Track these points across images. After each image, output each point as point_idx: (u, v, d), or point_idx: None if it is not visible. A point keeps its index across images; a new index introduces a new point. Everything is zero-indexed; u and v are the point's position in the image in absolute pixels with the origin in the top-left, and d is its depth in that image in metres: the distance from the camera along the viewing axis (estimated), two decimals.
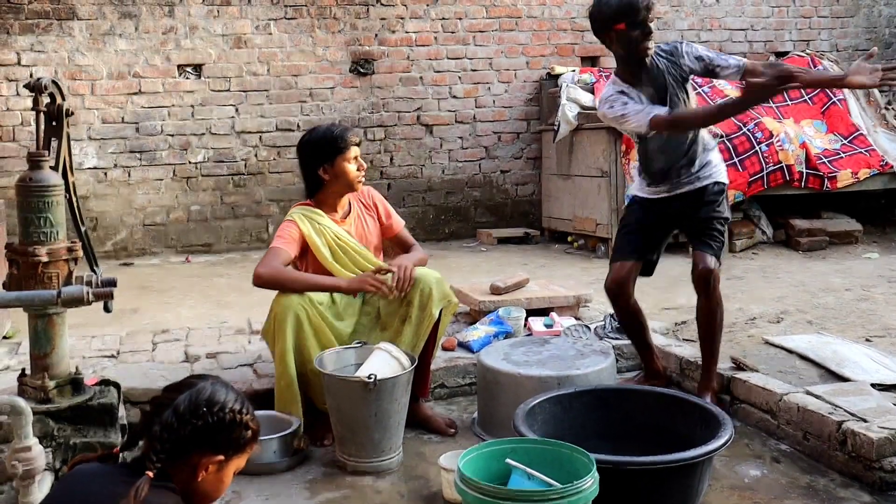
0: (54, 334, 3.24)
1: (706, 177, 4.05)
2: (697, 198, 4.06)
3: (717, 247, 3.99)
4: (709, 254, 3.97)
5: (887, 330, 4.82)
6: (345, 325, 3.92)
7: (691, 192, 4.07)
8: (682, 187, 4.08)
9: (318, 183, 3.99)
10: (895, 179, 8.11)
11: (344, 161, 3.94)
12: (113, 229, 8.18)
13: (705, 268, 3.94)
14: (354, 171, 3.97)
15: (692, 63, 3.94)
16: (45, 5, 7.85)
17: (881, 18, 10.37)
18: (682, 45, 3.98)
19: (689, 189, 4.07)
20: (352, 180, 3.98)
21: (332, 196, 4.02)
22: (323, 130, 4.03)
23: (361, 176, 4.02)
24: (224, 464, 2.16)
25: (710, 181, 4.05)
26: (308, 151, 4.00)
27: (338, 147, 3.93)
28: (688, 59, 3.94)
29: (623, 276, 4.13)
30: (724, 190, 4.08)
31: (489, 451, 2.83)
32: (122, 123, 8.13)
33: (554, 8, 9.25)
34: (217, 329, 5.21)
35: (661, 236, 4.25)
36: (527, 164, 9.32)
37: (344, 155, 3.94)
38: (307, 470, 3.62)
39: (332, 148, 3.93)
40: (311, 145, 3.99)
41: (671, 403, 3.40)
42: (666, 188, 4.11)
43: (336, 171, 3.95)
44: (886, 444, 3.26)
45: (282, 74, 8.51)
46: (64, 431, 3.22)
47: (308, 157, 3.99)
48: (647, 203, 4.20)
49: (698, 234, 4.06)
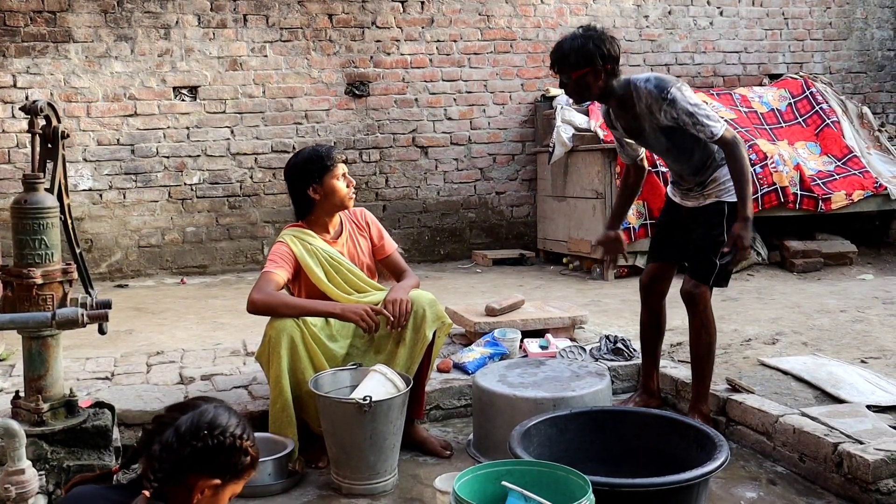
0: (49, 356, 3.23)
1: (708, 195, 3.99)
2: (698, 217, 4.05)
3: (702, 270, 3.97)
4: (691, 276, 4.01)
5: (882, 351, 4.82)
6: (339, 347, 3.92)
7: (694, 210, 4.07)
8: (689, 200, 4.09)
9: (309, 204, 4.00)
10: (889, 201, 8.14)
11: (332, 178, 3.95)
12: (108, 251, 8.17)
13: (685, 290, 4.01)
14: (344, 188, 3.98)
15: (666, 119, 3.82)
16: (41, 28, 7.87)
17: (874, 41, 10.44)
18: (666, 99, 3.77)
19: (694, 205, 4.07)
20: (343, 197, 3.99)
21: (324, 216, 4.03)
22: (308, 151, 4.05)
23: (352, 192, 4.04)
24: (221, 488, 2.16)
25: (712, 200, 3.99)
26: (296, 174, 4.01)
27: (325, 165, 3.95)
28: (664, 116, 3.80)
29: (651, 275, 4.27)
30: (726, 211, 3.92)
31: (485, 473, 2.82)
32: (117, 145, 8.14)
33: (548, 30, 9.29)
34: (212, 351, 5.20)
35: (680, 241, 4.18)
36: (522, 186, 9.34)
37: (332, 172, 3.95)
38: (302, 492, 3.60)
39: (319, 167, 3.95)
40: (299, 167, 4.00)
41: (667, 425, 3.39)
42: (679, 195, 4.13)
43: (326, 190, 3.95)
44: (882, 466, 3.25)
45: (277, 96, 8.53)
46: (58, 454, 3.21)
47: (296, 179, 4.00)
48: (669, 201, 4.29)
49: (692, 253, 4.08)
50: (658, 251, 4.31)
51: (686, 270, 4.09)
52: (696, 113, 3.75)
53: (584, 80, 3.80)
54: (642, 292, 4.32)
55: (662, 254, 4.28)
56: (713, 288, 4.01)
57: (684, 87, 3.83)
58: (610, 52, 3.79)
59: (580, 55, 3.76)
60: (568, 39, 3.82)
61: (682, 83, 3.87)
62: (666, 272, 4.27)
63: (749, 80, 9.89)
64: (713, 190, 3.99)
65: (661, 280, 4.27)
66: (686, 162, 3.97)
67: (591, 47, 3.76)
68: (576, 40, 3.79)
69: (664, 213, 4.37)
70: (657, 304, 4.29)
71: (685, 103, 3.75)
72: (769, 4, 10.02)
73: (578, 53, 3.76)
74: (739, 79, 9.91)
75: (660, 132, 3.89)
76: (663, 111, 3.79)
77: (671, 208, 4.26)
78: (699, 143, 3.91)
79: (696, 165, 3.97)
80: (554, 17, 9.32)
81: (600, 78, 3.80)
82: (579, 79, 3.80)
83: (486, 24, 9.13)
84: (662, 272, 4.27)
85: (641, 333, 4.41)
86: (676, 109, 3.75)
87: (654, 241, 4.40)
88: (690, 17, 9.79)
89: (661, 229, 4.37)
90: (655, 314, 4.32)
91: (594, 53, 3.75)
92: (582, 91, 3.86)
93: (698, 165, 3.97)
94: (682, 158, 3.98)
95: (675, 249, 4.26)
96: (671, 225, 4.24)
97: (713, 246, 3.93)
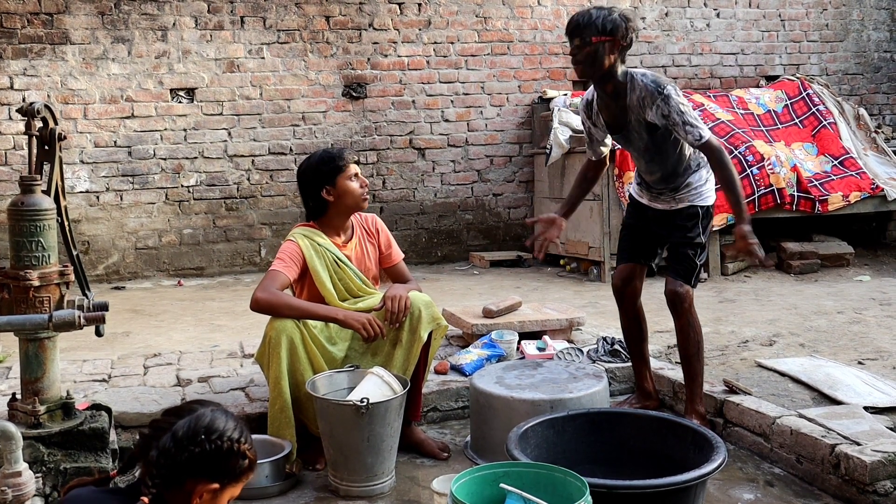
0: (46, 358, 3.23)
1: (681, 199, 4.05)
2: (670, 220, 4.09)
3: (683, 270, 4.02)
4: (674, 277, 4.04)
5: (879, 352, 4.83)
6: (337, 350, 3.91)
7: (666, 213, 4.11)
8: (659, 202, 4.12)
9: (323, 205, 3.99)
10: (886, 202, 8.14)
11: (345, 179, 3.95)
12: (105, 253, 8.16)
13: (670, 290, 4.03)
14: (358, 188, 3.98)
15: (655, 116, 3.83)
16: (38, 30, 7.86)
17: (870, 43, 10.45)
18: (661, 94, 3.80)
19: (664, 208, 4.11)
20: (357, 197, 3.98)
21: (337, 218, 4.02)
22: (320, 154, 4.05)
23: (365, 192, 4.03)
24: (219, 492, 2.15)
25: (685, 204, 4.04)
26: (309, 176, 4.00)
27: (337, 166, 3.94)
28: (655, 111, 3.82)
29: (623, 277, 4.28)
30: (700, 214, 4.03)
31: (482, 474, 2.82)
32: (114, 147, 8.13)
33: (545, 32, 9.30)
34: (209, 352, 5.19)
35: (649, 242, 4.28)
36: (519, 188, 9.34)
37: (344, 173, 3.95)
38: (299, 494, 3.60)
39: (332, 168, 3.94)
40: (311, 169, 3.99)
41: (664, 427, 3.39)
42: (648, 196, 4.16)
43: (339, 191, 3.95)
44: (880, 467, 3.25)
45: (274, 98, 8.53)
46: (54, 456, 3.21)
47: (309, 181, 4.00)
48: (634, 202, 4.31)
49: (670, 256, 4.17)
50: (628, 252, 4.32)
51: (667, 272, 4.13)
52: (687, 113, 3.78)
53: (602, 47, 3.80)
54: (616, 295, 4.33)
55: (633, 255, 4.30)
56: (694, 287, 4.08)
57: (678, 90, 3.87)
58: (631, 29, 3.84)
59: (608, 21, 3.79)
60: (595, 8, 3.86)
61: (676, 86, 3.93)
62: (637, 272, 4.30)
63: (746, 81, 9.90)
64: (686, 194, 4.05)
65: (634, 280, 4.29)
66: (661, 163, 3.99)
67: (617, 18, 3.81)
68: (603, 10, 3.84)
69: (630, 214, 4.38)
70: (634, 306, 4.31)
71: (678, 103, 3.79)
72: (766, 6, 10.04)
73: (606, 20, 3.80)
74: (736, 80, 9.92)
75: (643, 129, 3.91)
76: (656, 106, 3.80)
77: (637, 209, 4.28)
78: (677, 146, 3.95)
79: (670, 169, 4.01)
80: (551, 19, 9.32)
81: (615, 52, 3.83)
82: (598, 45, 3.80)
83: (483, 25, 9.13)
84: (634, 273, 4.28)
85: (625, 338, 4.43)
86: (669, 106, 3.78)
87: (624, 242, 4.38)
88: (687, 19, 9.80)
89: (629, 231, 4.36)
90: (634, 316, 4.33)
91: (620, 25, 3.80)
92: (594, 61, 3.84)
93: (672, 169, 4.01)
94: (658, 159, 3.99)
95: (644, 250, 4.30)
96: (639, 226, 4.27)
97: (693, 247, 4.02)
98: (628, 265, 4.29)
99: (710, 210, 4.11)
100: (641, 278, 4.32)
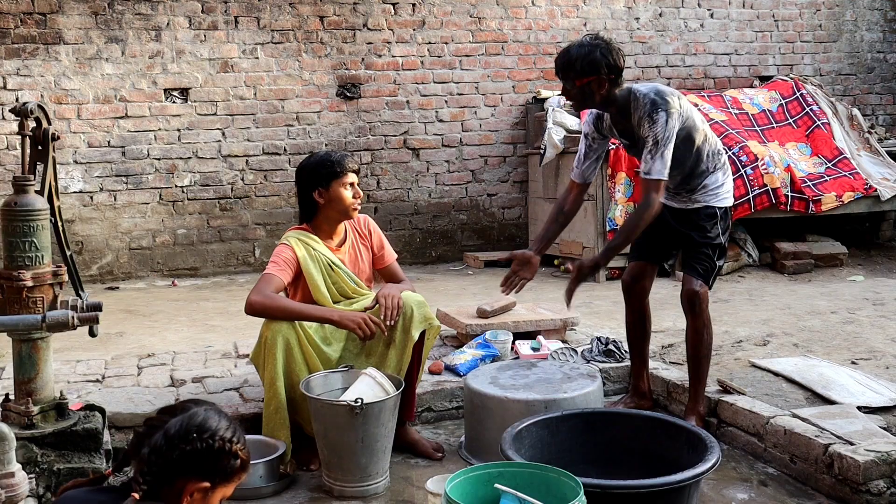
0: (39, 359, 3.22)
1: (696, 199, 4.05)
2: (688, 219, 4.08)
3: (703, 270, 4.02)
4: (693, 276, 4.02)
5: (873, 352, 4.84)
6: (332, 350, 3.91)
7: (683, 212, 4.10)
8: (675, 201, 4.11)
9: (313, 207, 3.98)
10: (879, 202, 8.16)
11: (339, 186, 3.93)
12: (98, 253, 8.15)
13: (689, 289, 4.01)
14: (350, 198, 3.95)
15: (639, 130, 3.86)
16: (31, 29, 7.85)
17: (863, 43, 10.47)
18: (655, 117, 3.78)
19: (681, 208, 4.10)
20: (346, 206, 3.96)
21: (327, 222, 4.01)
22: (322, 155, 4.04)
23: (357, 203, 4.00)
24: (210, 491, 2.15)
25: (701, 204, 4.05)
26: (305, 175, 3.99)
27: (334, 171, 3.93)
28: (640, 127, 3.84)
29: (633, 274, 4.28)
30: (718, 214, 4.04)
31: (477, 475, 2.82)
32: (108, 147, 8.12)
33: (540, 32, 9.30)
34: (203, 353, 5.19)
35: (665, 242, 4.26)
36: (513, 188, 9.34)
37: (340, 180, 3.93)
38: (293, 495, 3.60)
39: (329, 172, 3.93)
40: (309, 169, 3.98)
41: (658, 427, 3.40)
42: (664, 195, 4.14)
43: (330, 196, 3.93)
44: (873, 466, 3.26)
45: (268, 98, 8.52)
46: (48, 457, 3.20)
47: (304, 180, 3.98)
48: None
49: (687, 255, 4.14)
50: (640, 250, 4.31)
51: (684, 272, 4.12)
52: (658, 145, 3.75)
53: (588, 87, 3.83)
54: (625, 292, 4.34)
55: (644, 253, 4.29)
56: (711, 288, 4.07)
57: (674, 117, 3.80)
58: (615, 62, 3.82)
59: (586, 63, 3.78)
60: (575, 47, 3.85)
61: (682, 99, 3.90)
62: (648, 271, 4.30)
63: (740, 81, 9.92)
64: (701, 195, 4.05)
65: (644, 279, 4.29)
66: (679, 167, 3.98)
67: (597, 56, 3.79)
68: (583, 48, 3.82)
69: None
70: (641, 304, 4.31)
71: (660, 132, 3.75)
72: (759, 6, 10.05)
73: (585, 61, 3.79)
74: (730, 80, 9.93)
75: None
76: (642, 123, 3.81)
77: None
78: (691, 152, 3.95)
79: (688, 171, 4.00)
80: (545, 20, 9.33)
81: (604, 87, 3.83)
82: (584, 87, 3.83)
83: (478, 26, 9.13)
84: (644, 271, 4.29)
85: (628, 335, 4.42)
86: (651, 130, 3.76)
87: (638, 239, 4.33)
88: (681, 20, 9.81)
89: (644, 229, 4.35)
90: (640, 314, 4.33)
91: (600, 62, 3.78)
92: (585, 98, 3.89)
93: (689, 171, 4.00)
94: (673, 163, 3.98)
95: (658, 250, 4.30)
96: (655, 225, 4.23)
97: (713, 247, 4.02)
98: (640, 263, 4.28)
99: (729, 212, 4.12)
100: (651, 278, 4.32)
